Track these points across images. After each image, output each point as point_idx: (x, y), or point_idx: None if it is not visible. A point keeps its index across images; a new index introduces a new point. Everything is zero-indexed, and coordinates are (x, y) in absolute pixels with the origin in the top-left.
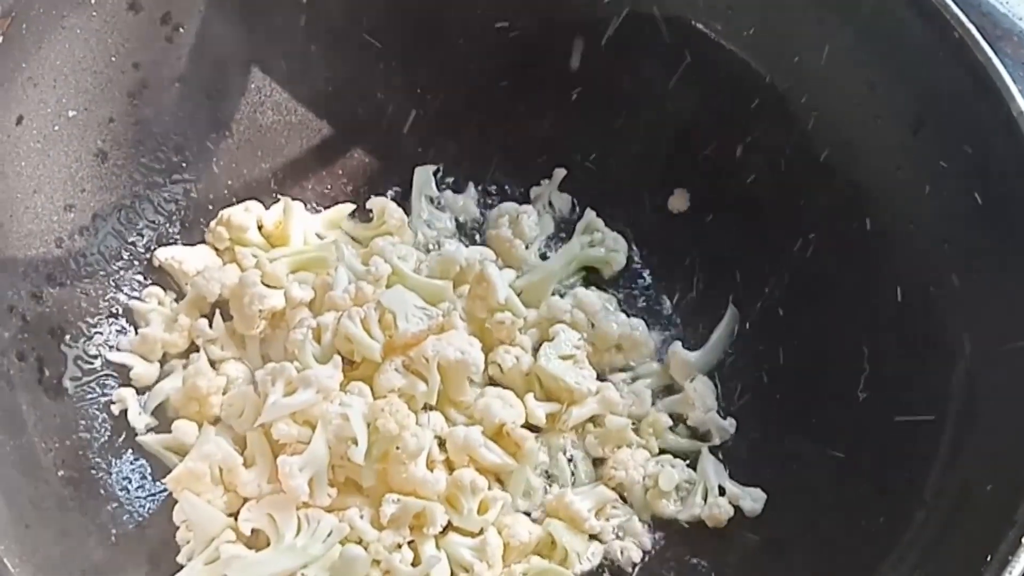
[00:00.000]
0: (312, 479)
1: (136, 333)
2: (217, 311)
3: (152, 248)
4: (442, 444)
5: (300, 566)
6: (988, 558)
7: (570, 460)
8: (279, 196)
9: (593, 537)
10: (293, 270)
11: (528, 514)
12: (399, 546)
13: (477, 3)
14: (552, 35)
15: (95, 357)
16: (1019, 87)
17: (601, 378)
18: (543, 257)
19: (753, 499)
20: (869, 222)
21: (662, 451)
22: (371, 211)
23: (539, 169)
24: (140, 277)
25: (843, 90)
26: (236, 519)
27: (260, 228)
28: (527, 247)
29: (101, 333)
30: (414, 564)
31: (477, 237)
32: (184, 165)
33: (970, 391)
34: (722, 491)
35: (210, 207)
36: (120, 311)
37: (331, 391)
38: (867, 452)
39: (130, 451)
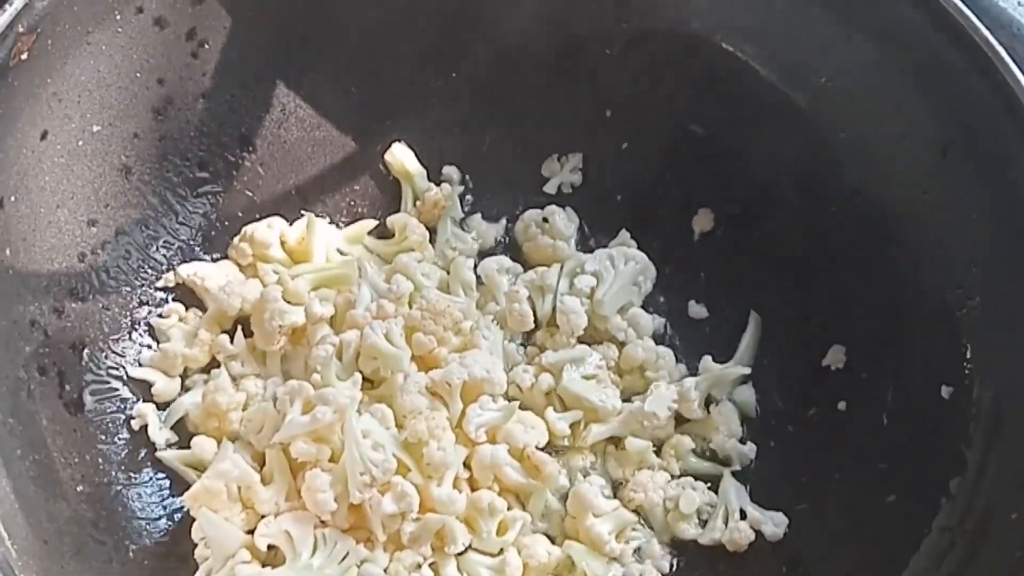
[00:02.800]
0: (338, 497)
1: (158, 348)
2: (238, 327)
3: (175, 264)
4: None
5: None
6: None
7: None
8: (302, 212)
9: (612, 559)
10: (315, 287)
11: (548, 536)
12: (419, 566)
13: (505, 22)
14: (580, 52)
15: (116, 372)
16: None
17: (624, 400)
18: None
19: (775, 523)
20: (895, 244)
21: (683, 473)
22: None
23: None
24: (162, 293)
25: (870, 110)
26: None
27: (283, 244)
28: (568, 244)
29: (122, 348)
30: None
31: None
32: (208, 181)
33: (995, 415)
34: (743, 515)
35: (233, 223)
36: (142, 326)
37: (346, 409)
38: (891, 478)
39: (149, 467)
